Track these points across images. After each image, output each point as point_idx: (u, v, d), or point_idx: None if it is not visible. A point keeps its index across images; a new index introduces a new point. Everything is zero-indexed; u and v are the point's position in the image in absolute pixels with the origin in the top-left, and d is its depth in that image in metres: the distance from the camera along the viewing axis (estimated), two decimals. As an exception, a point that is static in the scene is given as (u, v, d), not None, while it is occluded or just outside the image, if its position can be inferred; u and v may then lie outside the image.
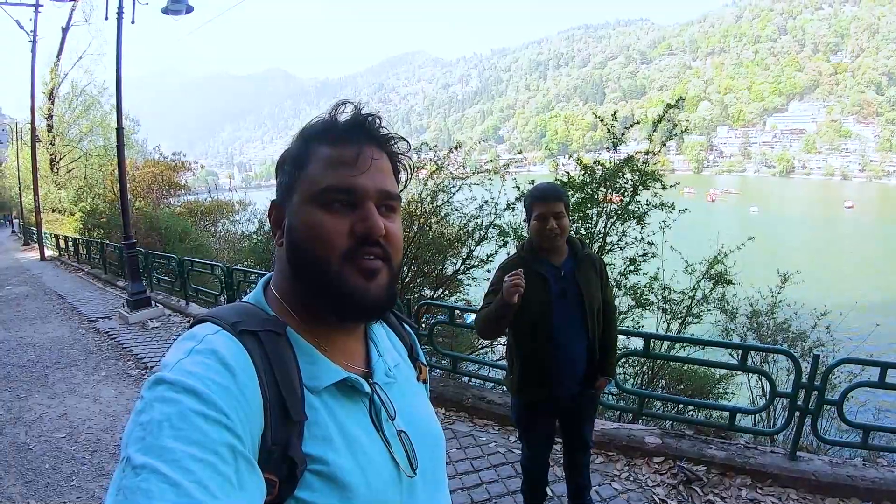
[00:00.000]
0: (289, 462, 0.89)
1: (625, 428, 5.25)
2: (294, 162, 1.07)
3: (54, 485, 4.90)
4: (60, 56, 29.80)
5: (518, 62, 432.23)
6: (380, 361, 1.14)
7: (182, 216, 21.86)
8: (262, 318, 0.99)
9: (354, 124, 1.05)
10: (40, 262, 23.09)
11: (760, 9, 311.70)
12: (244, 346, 0.92)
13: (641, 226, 7.89)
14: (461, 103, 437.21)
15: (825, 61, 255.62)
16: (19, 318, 11.72)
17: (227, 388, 0.83)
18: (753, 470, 4.50)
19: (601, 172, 8.10)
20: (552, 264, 3.36)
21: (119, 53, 10.71)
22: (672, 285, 7.78)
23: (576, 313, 3.36)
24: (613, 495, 4.36)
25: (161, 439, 0.74)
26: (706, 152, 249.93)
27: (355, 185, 1.00)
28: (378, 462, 1.00)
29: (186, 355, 0.87)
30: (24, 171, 31.27)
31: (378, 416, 1.06)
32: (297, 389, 0.94)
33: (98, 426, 6.07)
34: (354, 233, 0.99)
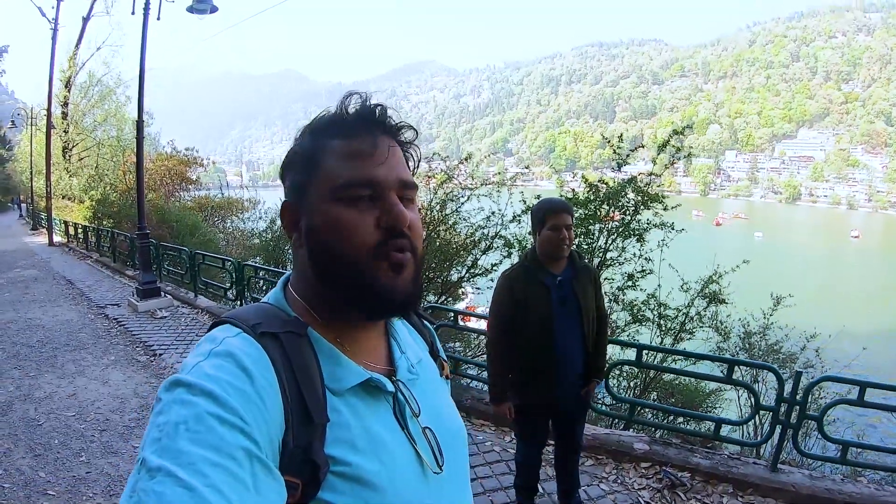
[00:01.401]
0: (311, 464, 0.88)
1: (615, 434, 5.45)
2: (306, 159, 1.05)
3: (63, 459, 5.06)
4: (79, 45, 30.05)
5: (530, 76, 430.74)
6: (402, 358, 1.14)
7: (192, 211, 22.01)
8: (282, 320, 0.99)
9: (366, 114, 1.04)
10: (48, 247, 23.24)
11: (774, 34, 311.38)
12: (264, 348, 0.92)
13: (641, 243, 8.09)
14: (472, 114, 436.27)
15: (836, 90, 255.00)
16: (28, 301, 11.91)
17: (244, 392, 0.83)
18: (736, 479, 4.67)
19: (605, 191, 8.31)
20: (553, 273, 3.59)
21: (143, 49, 10.87)
22: (668, 302, 7.96)
23: (574, 320, 3.60)
24: (601, 495, 4.56)
25: (177, 442, 0.74)
26: (714, 175, 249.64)
27: (376, 176, 0.99)
28: (403, 461, 1.00)
29: (205, 358, 0.88)
30: (36, 156, 31.52)
31: (402, 414, 1.05)
32: (318, 392, 0.94)
33: (107, 407, 6.24)
34: (380, 226, 0.99)
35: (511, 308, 3.65)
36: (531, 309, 3.57)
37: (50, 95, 24.90)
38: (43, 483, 4.67)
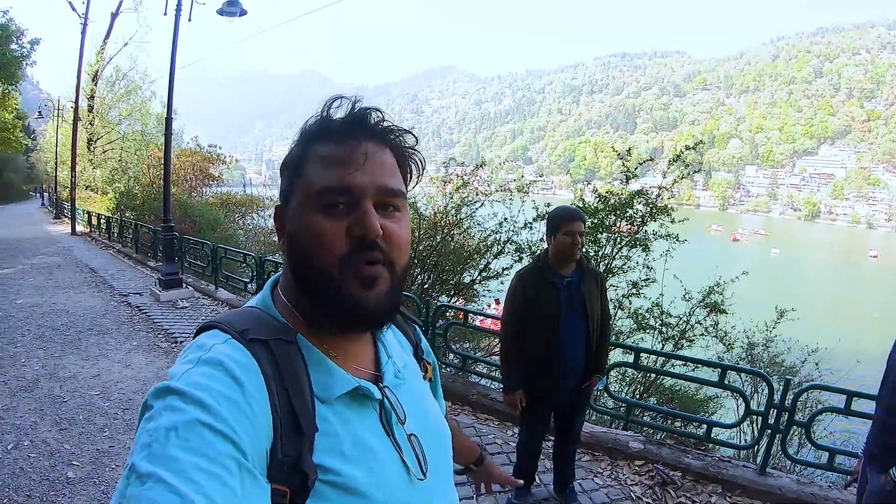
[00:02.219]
0: (300, 474, 0.88)
1: (612, 432, 5.68)
2: (292, 165, 1.05)
3: (87, 434, 5.33)
4: (107, 40, 30.60)
5: (552, 84, 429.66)
6: (389, 363, 1.14)
7: (214, 206, 22.32)
8: (271, 326, 0.99)
9: (349, 119, 1.02)
10: (71, 236, 23.62)
11: (798, 49, 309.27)
12: (254, 355, 0.91)
13: (647, 253, 8.32)
14: (492, 121, 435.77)
15: (859, 107, 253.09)
16: (52, 286, 12.22)
17: (235, 402, 0.83)
18: (725, 480, 4.85)
19: (613, 201, 8.54)
20: (562, 275, 3.90)
21: (174, 49, 11.18)
22: (670, 311, 8.18)
23: (579, 319, 3.90)
24: (595, 489, 4.77)
25: (168, 448, 0.74)
26: (733, 190, 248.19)
27: (350, 183, 0.97)
28: (389, 468, 1.00)
29: (194, 366, 0.87)
30: (61, 147, 31.97)
31: (389, 421, 1.06)
32: (308, 401, 0.93)
33: (130, 388, 6.51)
34: (351, 234, 0.97)
35: (522, 305, 3.93)
36: (540, 307, 3.87)
37: (78, 88, 25.31)
38: (67, 455, 4.93)
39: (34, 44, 25.00)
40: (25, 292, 11.48)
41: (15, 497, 4.24)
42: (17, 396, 6.12)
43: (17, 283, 12.35)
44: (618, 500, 4.65)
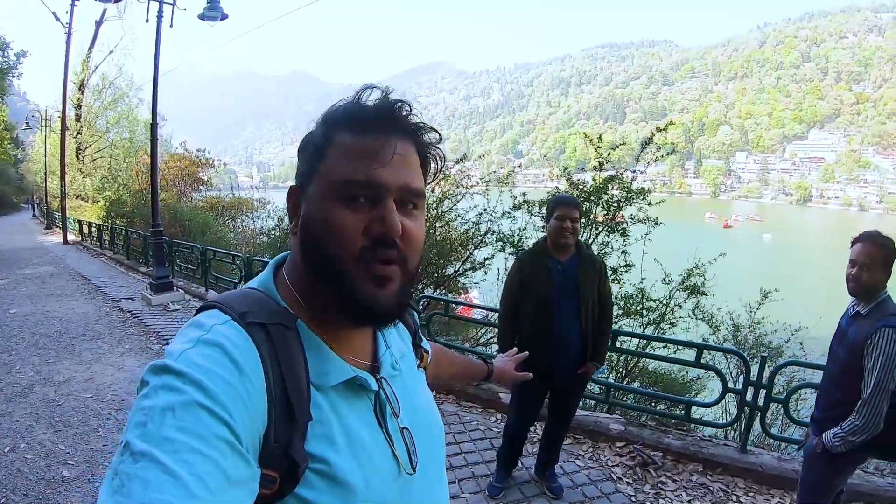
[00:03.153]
0: (290, 460, 0.88)
1: (593, 415, 5.79)
2: (315, 147, 1.01)
3: (82, 434, 5.46)
4: (92, 49, 30.55)
5: (540, 77, 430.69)
6: (387, 353, 1.14)
7: (203, 210, 22.36)
8: (272, 310, 0.97)
9: (381, 111, 0.99)
10: (63, 245, 23.59)
11: (785, 35, 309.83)
12: (252, 339, 0.90)
13: (625, 238, 8.37)
14: (482, 116, 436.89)
15: (847, 90, 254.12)
16: (45, 295, 12.28)
17: (232, 385, 0.82)
18: (705, 459, 4.99)
19: (587, 188, 8.59)
20: (559, 260, 4.00)
21: (157, 56, 11.22)
22: (652, 294, 8.24)
23: (573, 304, 3.98)
24: (576, 471, 4.88)
25: (163, 428, 0.74)
26: (724, 177, 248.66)
27: (375, 178, 0.95)
28: (379, 460, 1.00)
29: (193, 345, 0.86)
30: (50, 157, 31.96)
31: (382, 413, 1.05)
32: (303, 389, 0.93)
33: (123, 389, 6.63)
34: (370, 232, 0.95)
35: (517, 285, 4.08)
36: (533, 289, 3.99)
37: (64, 98, 25.26)
38: (63, 455, 5.05)
39: (20, 56, 25.06)
40: (19, 302, 11.54)
41: (12, 497, 4.35)
42: (13, 402, 6.22)
43: (11, 294, 12.41)
44: (598, 481, 4.73)
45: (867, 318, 3.11)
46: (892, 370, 2.93)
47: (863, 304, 3.17)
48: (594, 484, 4.71)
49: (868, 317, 3.11)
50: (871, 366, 2.97)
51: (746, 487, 4.73)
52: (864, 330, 3.07)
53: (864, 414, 2.97)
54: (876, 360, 2.95)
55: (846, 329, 3.25)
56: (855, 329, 3.15)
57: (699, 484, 4.76)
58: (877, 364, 2.94)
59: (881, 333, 2.97)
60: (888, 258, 3.13)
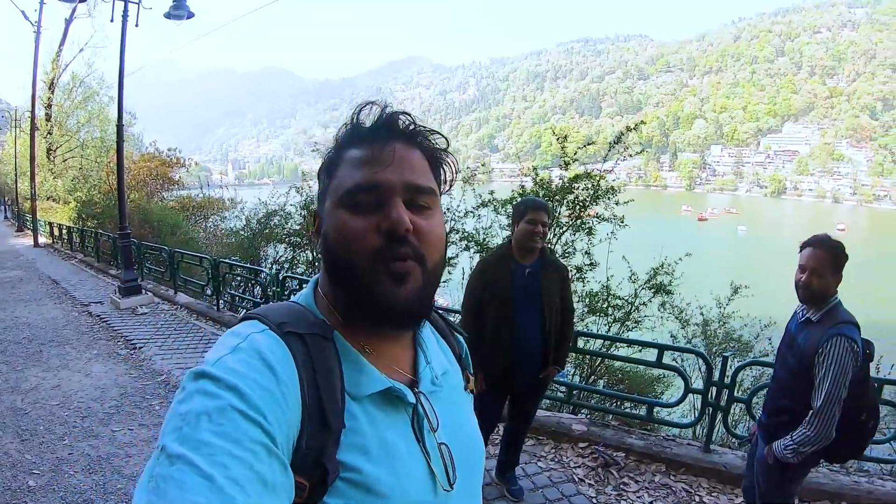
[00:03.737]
0: (321, 468, 0.88)
1: (556, 415, 5.82)
2: (326, 169, 1.06)
3: (48, 443, 5.45)
4: (62, 47, 30.22)
5: (516, 72, 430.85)
6: (427, 368, 1.12)
7: (174, 210, 22.16)
8: (309, 321, 0.98)
9: (380, 122, 1.03)
10: (34, 248, 23.37)
11: (759, 30, 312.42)
12: (289, 348, 0.91)
13: (590, 237, 8.32)
14: (458, 111, 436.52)
15: (821, 84, 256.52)
16: (14, 300, 12.19)
17: (268, 390, 0.83)
18: (668, 459, 5.02)
19: (553, 187, 8.53)
20: (523, 265, 3.99)
21: (122, 55, 11.19)
22: (618, 292, 8.21)
23: (535, 309, 3.98)
24: (537, 472, 4.92)
25: (199, 432, 0.75)
26: (699, 170, 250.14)
27: (378, 180, 0.98)
28: (415, 474, 0.99)
29: (230, 352, 0.87)
30: (20, 158, 31.57)
31: (420, 427, 1.04)
32: (337, 397, 0.93)
33: (89, 396, 6.62)
34: (380, 230, 0.97)
35: (480, 288, 4.03)
36: (495, 293, 3.95)
37: (34, 97, 24.98)
38: (29, 464, 5.04)
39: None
40: (-13, 307, 11.42)
41: (-24, 508, 4.35)
42: (-20, 411, 6.17)
43: (-21, 300, 12.26)
44: (560, 483, 4.75)
45: (818, 326, 3.04)
46: (844, 380, 2.88)
47: (813, 311, 3.10)
48: (555, 486, 4.72)
49: (819, 324, 3.04)
50: (822, 375, 2.91)
51: (710, 487, 4.74)
52: (814, 338, 3.00)
53: (815, 425, 2.93)
54: (827, 369, 2.89)
55: (795, 335, 3.20)
56: (805, 336, 3.09)
57: (662, 484, 4.78)
58: (828, 374, 2.88)
59: (833, 342, 2.90)
60: (838, 262, 3.06)
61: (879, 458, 5.02)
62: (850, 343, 2.88)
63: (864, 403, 3.05)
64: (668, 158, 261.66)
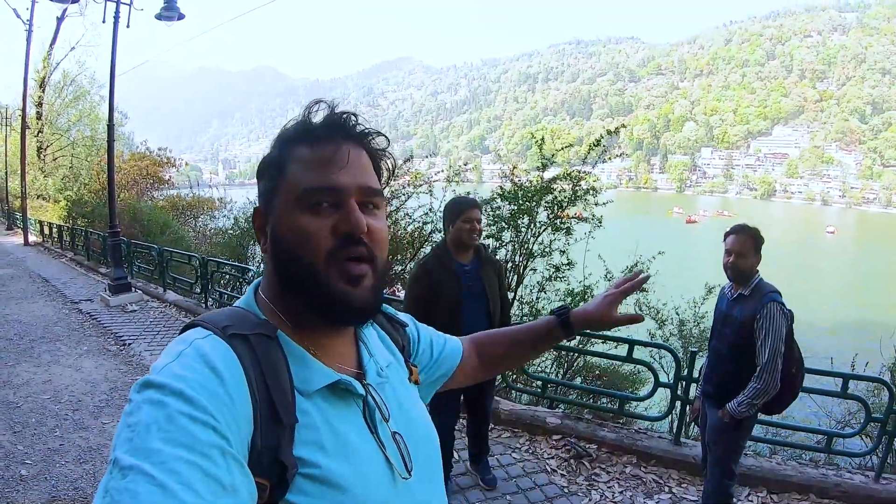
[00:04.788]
0: (279, 466, 0.88)
1: (531, 409, 5.97)
2: (274, 167, 1.05)
3: (39, 435, 5.61)
4: (54, 45, 30.11)
5: (508, 73, 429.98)
6: (371, 362, 1.14)
7: (164, 210, 22.17)
8: (252, 322, 0.99)
9: (330, 122, 1.04)
10: (24, 246, 23.29)
11: (750, 33, 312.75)
12: (234, 350, 0.91)
13: (568, 236, 8.29)
14: (449, 111, 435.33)
15: (811, 88, 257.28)
16: (5, 298, 12.25)
17: (214, 392, 0.83)
18: (639, 451, 5.18)
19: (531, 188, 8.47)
20: (462, 263, 4.12)
21: (114, 55, 11.27)
22: (595, 291, 8.19)
23: (480, 305, 4.14)
24: (511, 463, 5.09)
25: (149, 441, 0.74)
26: (689, 172, 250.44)
27: (334, 182, 1.00)
28: (372, 464, 1.00)
29: (175, 359, 0.87)
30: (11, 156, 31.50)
31: (372, 418, 1.05)
32: (287, 393, 0.93)
33: (79, 390, 6.78)
34: (337, 232, 0.99)
35: (426, 289, 4.08)
36: (442, 294, 4.03)
37: (25, 95, 24.85)
38: (21, 455, 5.20)
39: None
40: (-22, 305, 11.51)
41: (-30, 496, 4.49)
42: (-27, 405, 6.32)
43: (-30, 298, 12.35)
44: (533, 473, 4.92)
45: (750, 298, 3.61)
46: (781, 336, 3.44)
47: (742, 288, 3.66)
48: (528, 476, 4.88)
49: (751, 297, 3.61)
50: (762, 336, 3.46)
51: (680, 479, 4.90)
52: (749, 308, 3.56)
53: (764, 378, 3.45)
54: (767, 330, 3.45)
55: (728, 311, 3.74)
56: (740, 309, 3.64)
57: (632, 475, 4.93)
58: (769, 333, 3.44)
59: (768, 308, 3.48)
60: (757, 244, 3.64)
61: (849, 451, 5.19)
62: (781, 306, 3.51)
63: (793, 359, 3.57)
64: (659, 160, 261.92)
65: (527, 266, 8.31)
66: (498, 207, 8.31)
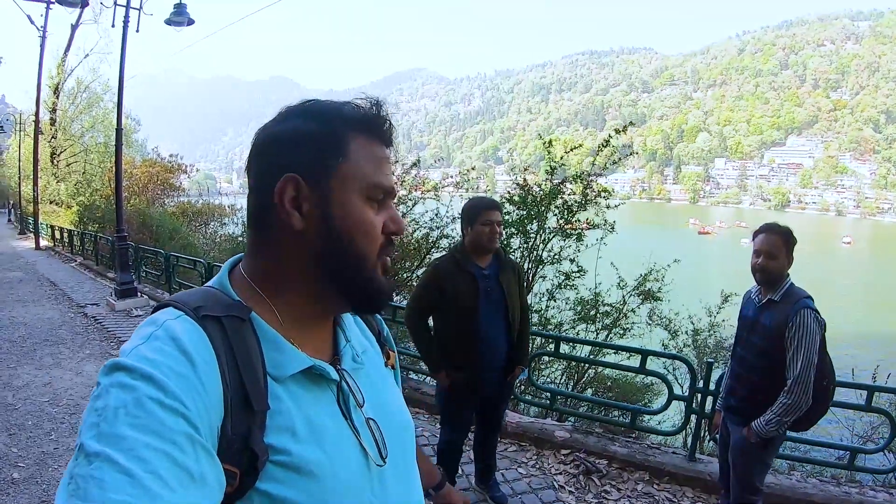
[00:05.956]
0: (249, 453, 0.86)
1: (539, 422, 5.75)
2: (327, 143, 1.00)
3: (35, 438, 5.51)
4: (68, 52, 30.17)
5: (521, 84, 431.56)
6: (347, 347, 1.12)
7: (174, 216, 22.24)
8: (226, 304, 0.96)
9: (388, 125, 1.06)
10: (35, 251, 23.41)
11: (763, 43, 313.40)
12: (206, 332, 0.89)
13: (579, 242, 8.23)
14: (462, 122, 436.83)
15: (825, 97, 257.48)
16: (12, 300, 12.26)
17: (185, 377, 0.81)
18: (652, 467, 4.93)
19: (538, 192, 8.45)
20: (479, 266, 3.89)
21: (122, 59, 11.27)
22: (606, 298, 8.20)
23: (499, 311, 3.90)
24: (517, 478, 4.86)
25: (116, 427, 0.72)
26: (703, 183, 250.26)
27: (391, 184, 1.04)
28: (346, 451, 0.99)
29: (145, 341, 0.85)
30: (24, 161, 31.62)
31: (346, 404, 1.04)
32: (259, 378, 0.91)
33: (78, 394, 6.68)
34: (386, 230, 1.03)
35: (436, 295, 3.87)
36: (458, 298, 3.79)
37: (38, 101, 25.03)
38: (14, 457, 5.10)
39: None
40: (-15, 307, 11.50)
41: (-39, 499, 4.40)
42: (-30, 407, 6.25)
43: (-22, 300, 12.35)
44: (539, 490, 4.70)
45: (781, 304, 3.30)
46: (815, 347, 3.15)
47: (772, 292, 3.36)
48: (534, 492, 4.68)
49: (782, 303, 3.30)
50: (795, 346, 3.17)
51: (695, 497, 4.67)
52: (780, 315, 3.26)
53: (796, 392, 3.15)
54: (800, 340, 3.15)
55: (755, 318, 3.44)
56: (769, 316, 3.34)
57: (644, 493, 4.70)
58: (801, 344, 3.14)
59: (801, 315, 3.17)
60: (789, 245, 3.35)
61: (872, 468, 5.00)
62: (815, 314, 3.20)
63: (824, 370, 3.28)
64: (672, 171, 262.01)
65: (536, 273, 8.17)
66: (507, 213, 8.14)
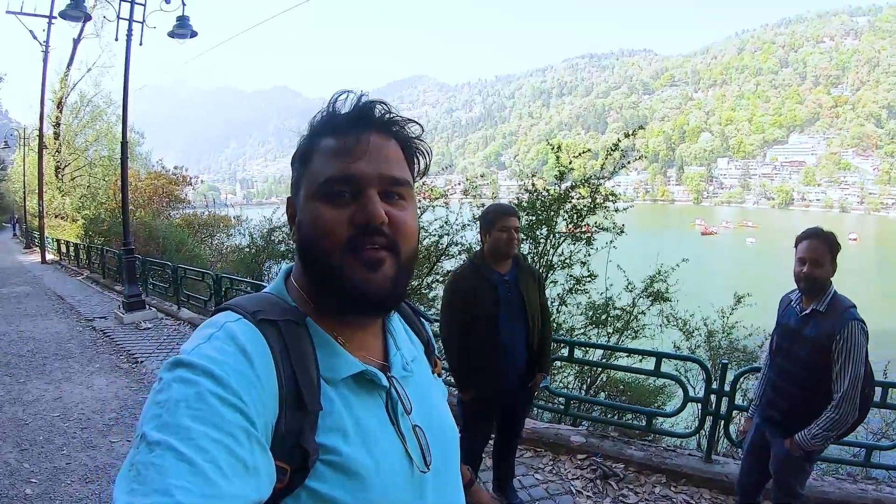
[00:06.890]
0: (301, 451, 0.89)
1: (554, 427, 5.72)
2: (301, 157, 1.06)
3: (46, 453, 5.48)
4: (70, 66, 30.40)
5: (522, 89, 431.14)
6: (397, 355, 1.14)
7: (180, 227, 22.25)
8: (282, 308, 1.00)
9: (355, 113, 1.03)
10: (41, 264, 23.51)
11: (763, 41, 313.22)
12: (263, 334, 0.92)
13: (588, 248, 8.25)
14: (464, 128, 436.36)
15: (826, 94, 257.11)
16: (20, 314, 12.28)
17: (244, 374, 0.84)
18: (669, 470, 4.91)
19: (547, 197, 8.43)
20: (499, 272, 3.87)
21: (126, 73, 11.29)
22: (616, 301, 8.17)
23: (519, 317, 3.87)
24: (534, 484, 4.84)
25: (178, 418, 0.75)
26: (706, 183, 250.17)
27: (354, 172, 0.99)
28: (392, 456, 1.00)
29: (206, 341, 0.88)
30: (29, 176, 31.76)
31: (394, 410, 1.05)
32: (313, 380, 0.94)
33: (89, 408, 6.65)
34: (354, 221, 0.98)
35: (461, 304, 3.86)
36: (479, 305, 3.79)
37: (42, 116, 25.10)
38: (27, 473, 5.08)
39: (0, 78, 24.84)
40: (-7, 322, 11.49)
41: (-26, 515, 4.38)
42: (-19, 422, 6.22)
43: (-14, 314, 12.34)
44: (557, 495, 4.68)
45: (826, 316, 3.18)
46: (863, 360, 3.06)
47: (815, 302, 3.24)
48: (552, 498, 4.65)
49: (827, 314, 3.18)
50: (843, 361, 3.06)
51: (712, 498, 4.63)
52: (826, 327, 3.14)
53: (843, 407, 3.07)
54: (848, 353, 3.04)
55: (799, 328, 3.32)
56: (814, 327, 3.21)
57: (662, 496, 4.67)
58: (850, 358, 3.04)
59: (849, 328, 3.06)
60: (834, 252, 3.20)
61: (888, 465, 4.99)
62: (862, 325, 3.10)
63: (867, 379, 3.18)
64: (675, 172, 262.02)
65: (547, 278, 8.13)
66: None
